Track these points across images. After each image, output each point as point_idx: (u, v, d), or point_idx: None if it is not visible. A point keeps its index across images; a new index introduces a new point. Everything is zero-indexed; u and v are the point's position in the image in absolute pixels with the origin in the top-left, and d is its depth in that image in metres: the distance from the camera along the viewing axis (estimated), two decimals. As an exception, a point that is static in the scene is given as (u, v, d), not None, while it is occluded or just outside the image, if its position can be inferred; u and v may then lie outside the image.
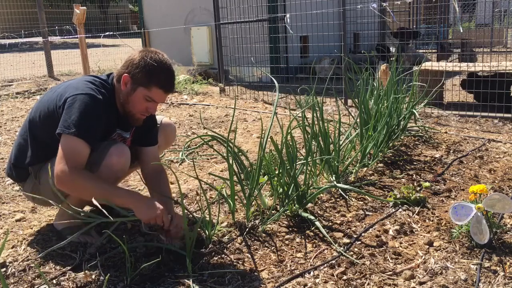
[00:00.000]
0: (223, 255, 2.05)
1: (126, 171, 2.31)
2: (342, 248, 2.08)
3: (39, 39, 8.64)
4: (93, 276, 1.91)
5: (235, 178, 2.31)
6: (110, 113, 2.11)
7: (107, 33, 8.08)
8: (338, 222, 2.37)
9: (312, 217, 2.32)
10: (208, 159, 3.54)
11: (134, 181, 3.08)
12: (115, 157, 2.04)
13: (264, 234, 2.23)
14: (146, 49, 2.12)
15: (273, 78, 2.69)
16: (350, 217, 2.41)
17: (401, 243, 2.14)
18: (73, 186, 1.93)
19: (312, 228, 2.27)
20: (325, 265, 1.96)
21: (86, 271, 1.94)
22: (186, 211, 2.08)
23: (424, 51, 8.28)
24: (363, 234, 2.22)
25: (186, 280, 1.85)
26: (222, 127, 4.58)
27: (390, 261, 1.99)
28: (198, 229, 2.08)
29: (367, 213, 2.47)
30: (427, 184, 2.77)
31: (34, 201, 2.32)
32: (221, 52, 6.31)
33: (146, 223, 2.00)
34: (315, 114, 2.77)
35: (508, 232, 2.17)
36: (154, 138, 2.34)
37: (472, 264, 1.93)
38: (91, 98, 2.00)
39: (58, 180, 1.91)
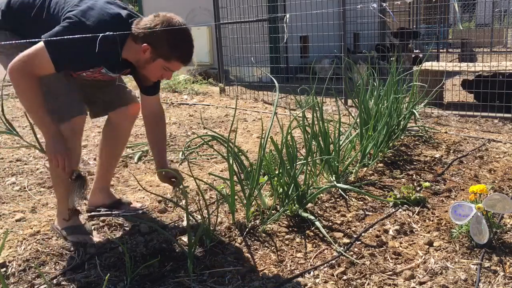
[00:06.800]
0: (223, 255, 2.05)
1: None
2: (342, 248, 2.08)
3: (39, 39, 8.62)
4: (93, 276, 1.91)
5: (235, 178, 2.31)
6: (109, 56, 2.01)
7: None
8: (338, 222, 2.37)
9: (312, 217, 2.32)
10: (208, 159, 3.54)
11: (134, 181, 3.08)
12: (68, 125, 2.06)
13: (264, 234, 2.23)
14: (164, 16, 1.95)
15: (273, 78, 2.69)
16: (350, 217, 2.41)
17: (401, 243, 2.15)
18: (17, 84, 1.92)
19: (312, 228, 2.27)
20: (325, 265, 1.96)
21: (86, 271, 1.95)
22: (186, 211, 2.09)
23: (436, 51, 8.32)
24: (363, 234, 2.22)
25: (186, 280, 1.86)
26: (222, 127, 4.58)
27: (390, 261, 1.99)
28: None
29: (367, 213, 2.47)
30: (427, 184, 2.77)
31: None
32: (221, 52, 6.31)
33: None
34: (315, 114, 2.77)
35: (508, 232, 2.17)
36: (157, 89, 2.33)
37: (472, 264, 1.93)
38: (89, 32, 1.86)
39: (10, 71, 1.90)
